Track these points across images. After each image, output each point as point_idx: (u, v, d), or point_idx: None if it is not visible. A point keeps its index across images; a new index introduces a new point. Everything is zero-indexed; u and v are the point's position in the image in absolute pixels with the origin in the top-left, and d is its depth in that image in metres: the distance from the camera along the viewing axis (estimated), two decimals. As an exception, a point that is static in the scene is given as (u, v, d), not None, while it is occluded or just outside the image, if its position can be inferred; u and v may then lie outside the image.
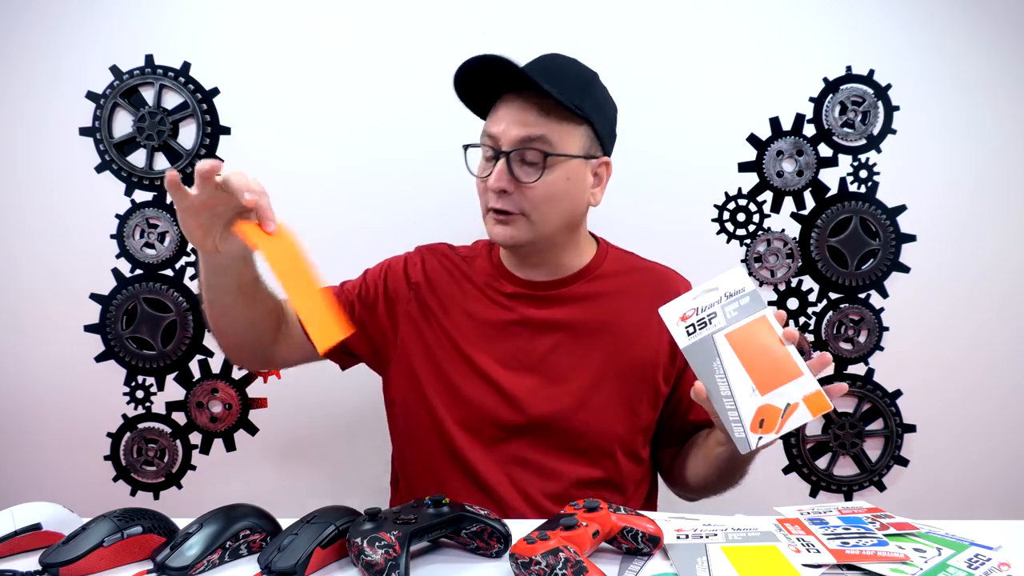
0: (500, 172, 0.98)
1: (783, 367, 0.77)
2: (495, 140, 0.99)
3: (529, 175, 0.98)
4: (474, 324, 1.08)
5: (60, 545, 0.68)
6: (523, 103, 0.98)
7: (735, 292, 0.81)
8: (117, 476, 1.49)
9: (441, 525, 0.71)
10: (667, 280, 1.13)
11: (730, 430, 0.77)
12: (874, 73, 1.49)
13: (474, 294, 1.10)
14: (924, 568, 0.67)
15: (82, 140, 1.46)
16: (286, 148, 1.47)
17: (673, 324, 0.83)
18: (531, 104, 0.98)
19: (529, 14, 1.47)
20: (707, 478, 1.04)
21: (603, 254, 1.13)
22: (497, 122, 0.99)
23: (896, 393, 1.53)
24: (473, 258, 1.14)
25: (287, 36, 1.46)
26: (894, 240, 1.51)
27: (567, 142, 1.00)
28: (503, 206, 0.99)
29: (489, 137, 1.00)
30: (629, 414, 1.07)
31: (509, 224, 1.00)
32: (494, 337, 1.07)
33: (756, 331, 0.79)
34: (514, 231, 1.01)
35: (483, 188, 1.02)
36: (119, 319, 1.47)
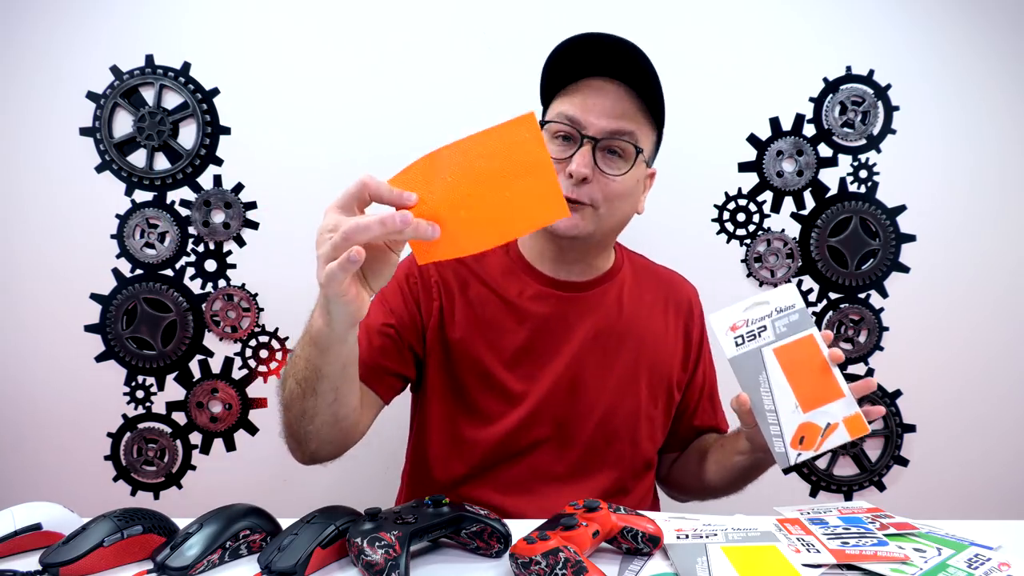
0: (586, 158, 0.92)
1: (827, 386, 0.79)
2: (577, 123, 0.93)
3: (616, 167, 0.94)
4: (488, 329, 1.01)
5: (60, 545, 0.68)
6: (620, 93, 0.94)
7: (786, 308, 0.83)
8: (117, 476, 1.49)
9: (441, 525, 0.71)
10: (675, 286, 1.14)
11: (770, 443, 0.79)
12: (874, 73, 1.49)
13: (487, 297, 1.02)
14: (924, 568, 0.67)
15: (82, 140, 1.46)
16: (286, 148, 1.47)
17: (722, 333, 0.83)
18: (628, 96, 0.94)
19: (529, 15, 1.47)
20: (717, 484, 1.04)
21: (622, 258, 1.12)
22: (586, 108, 0.93)
23: (896, 393, 1.53)
24: (484, 255, 1.05)
25: (287, 36, 1.46)
26: (894, 240, 1.51)
27: (647, 144, 0.98)
28: (577, 195, 0.93)
29: (569, 119, 0.94)
30: (649, 419, 1.06)
31: (577, 212, 0.94)
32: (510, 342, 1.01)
33: (803, 348, 0.81)
34: (580, 221, 0.95)
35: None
36: (119, 319, 1.47)
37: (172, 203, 1.47)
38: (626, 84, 0.94)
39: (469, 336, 1.01)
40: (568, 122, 0.94)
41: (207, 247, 1.48)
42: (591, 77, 0.95)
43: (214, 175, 1.48)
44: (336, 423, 0.87)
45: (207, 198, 1.47)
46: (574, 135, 0.94)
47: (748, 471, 0.99)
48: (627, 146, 0.95)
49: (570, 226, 0.95)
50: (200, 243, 1.48)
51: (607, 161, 0.94)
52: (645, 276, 1.12)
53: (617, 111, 0.93)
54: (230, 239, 1.48)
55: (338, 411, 0.85)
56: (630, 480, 1.05)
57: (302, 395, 0.82)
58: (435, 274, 1.03)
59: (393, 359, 1.00)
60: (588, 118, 0.93)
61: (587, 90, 0.94)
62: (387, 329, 1.00)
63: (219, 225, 1.48)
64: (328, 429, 0.87)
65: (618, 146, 0.94)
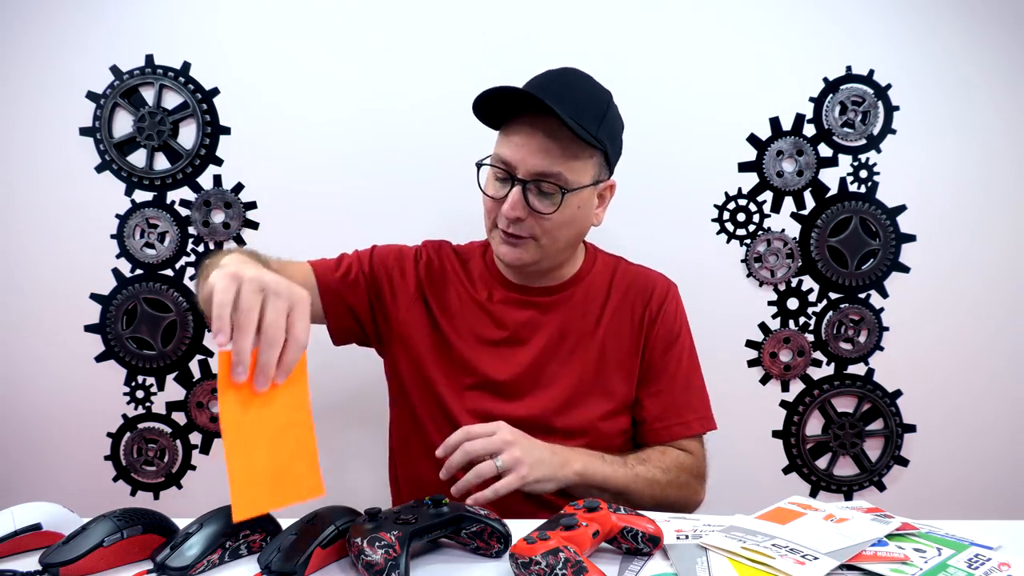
0: (516, 201, 0.98)
1: None
2: (510, 165, 0.98)
3: (544, 206, 0.99)
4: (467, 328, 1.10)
5: (60, 545, 0.68)
6: (543, 134, 0.96)
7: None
8: (117, 476, 1.49)
9: (441, 525, 0.71)
10: (641, 280, 1.15)
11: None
12: (874, 73, 1.49)
13: (467, 299, 1.12)
14: (924, 568, 0.67)
15: (82, 140, 1.46)
16: (286, 148, 1.47)
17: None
18: (550, 136, 0.96)
19: (529, 16, 1.47)
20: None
21: (591, 260, 1.15)
22: (514, 148, 0.98)
23: (896, 393, 1.53)
24: (467, 259, 1.16)
25: (287, 36, 1.46)
26: (894, 240, 1.51)
27: (582, 174, 1.00)
28: (515, 231, 1.00)
29: (503, 161, 0.99)
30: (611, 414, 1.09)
31: (519, 246, 1.02)
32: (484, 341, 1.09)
33: None
34: (523, 253, 1.02)
35: (493, 206, 1.02)
36: (119, 319, 1.47)
37: (172, 203, 1.47)
38: (554, 119, 0.95)
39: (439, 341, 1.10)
40: (503, 164, 0.99)
41: (207, 247, 1.48)
42: (524, 115, 0.98)
43: (214, 175, 1.48)
44: None
45: (207, 198, 1.47)
46: (506, 177, 1.00)
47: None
48: (552, 187, 0.98)
49: (514, 258, 1.03)
50: (200, 243, 1.48)
51: (538, 200, 0.99)
52: (617, 276, 1.15)
53: (541, 151, 0.97)
54: (230, 239, 1.48)
55: None
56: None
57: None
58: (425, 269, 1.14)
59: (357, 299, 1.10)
60: (517, 159, 0.98)
61: (517, 130, 0.99)
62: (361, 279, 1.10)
63: (219, 225, 1.48)
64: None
65: (545, 187, 0.99)
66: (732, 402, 1.41)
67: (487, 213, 1.04)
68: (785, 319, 1.52)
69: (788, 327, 1.52)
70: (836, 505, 0.83)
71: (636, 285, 1.14)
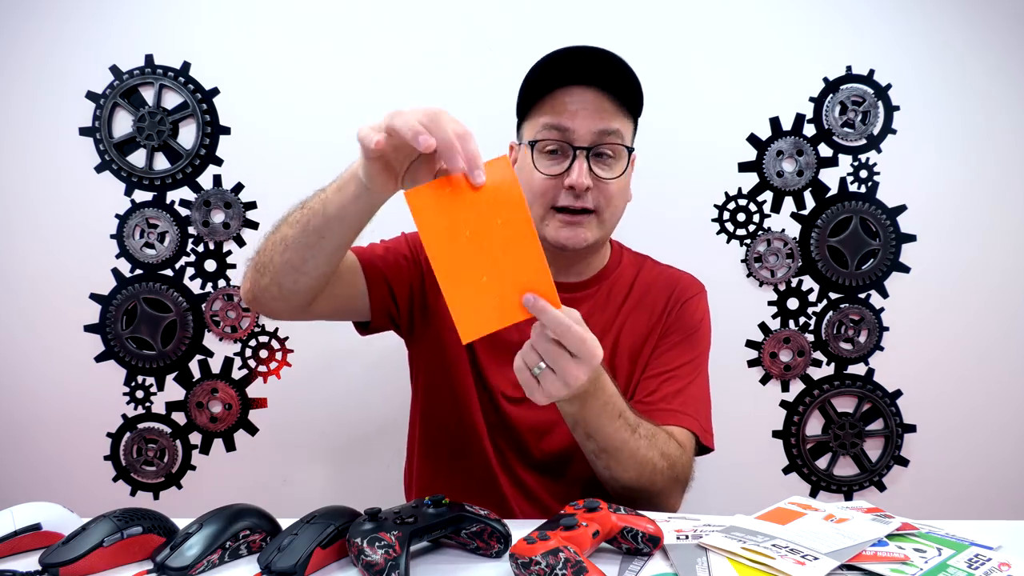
0: (583, 169, 0.93)
1: None
2: (567, 134, 0.94)
3: (607, 171, 0.96)
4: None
5: (60, 545, 0.68)
6: (595, 93, 0.94)
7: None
8: (117, 476, 1.49)
9: (441, 525, 0.71)
10: (664, 281, 1.12)
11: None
12: (874, 73, 1.49)
13: None
14: (924, 568, 0.67)
15: (82, 140, 1.46)
16: (286, 148, 1.47)
17: None
18: (604, 96, 0.95)
19: (529, 15, 1.47)
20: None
21: (618, 257, 1.12)
22: (569, 115, 0.94)
23: (896, 393, 1.53)
24: None
25: (287, 36, 1.46)
26: (894, 240, 1.51)
27: (629, 135, 0.99)
28: (583, 204, 0.95)
29: (557, 130, 0.94)
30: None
31: (581, 225, 0.97)
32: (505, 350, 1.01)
33: None
34: (586, 232, 0.97)
35: (549, 186, 0.96)
36: (119, 319, 1.47)
37: (172, 203, 1.47)
38: (600, 86, 0.95)
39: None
40: (557, 134, 0.95)
41: (207, 247, 1.48)
42: (566, 86, 0.96)
43: (214, 175, 1.48)
44: (295, 275, 0.88)
45: (207, 198, 1.47)
46: (564, 147, 0.95)
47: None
48: (617, 147, 0.96)
49: (578, 240, 0.98)
50: (200, 243, 1.48)
51: (601, 165, 0.96)
52: (641, 274, 1.12)
53: (599, 112, 0.95)
54: (230, 239, 1.48)
55: (306, 260, 0.87)
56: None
57: (296, 223, 0.86)
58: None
59: (396, 279, 1.03)
60: (574, 124, 0.94)
61: (566, 99, 0.95)
62: (401, 259, 1.05)
63: (219, 225, 1.48)
64: (287, 273, 0.89)
65: (608, 149, 0.96)
66: (732, 402, 1.41)
67: (540, 196, 0.97)
68: (785, 319, 1.52)
69: (788, 327, 1.52)
70: (836, 505, 0.83)
71: (660, 282, 1.10)
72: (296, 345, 1.50)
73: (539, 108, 0.97)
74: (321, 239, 0.85)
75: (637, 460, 0.87)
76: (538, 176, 0.97)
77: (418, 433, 1.14)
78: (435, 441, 1.10)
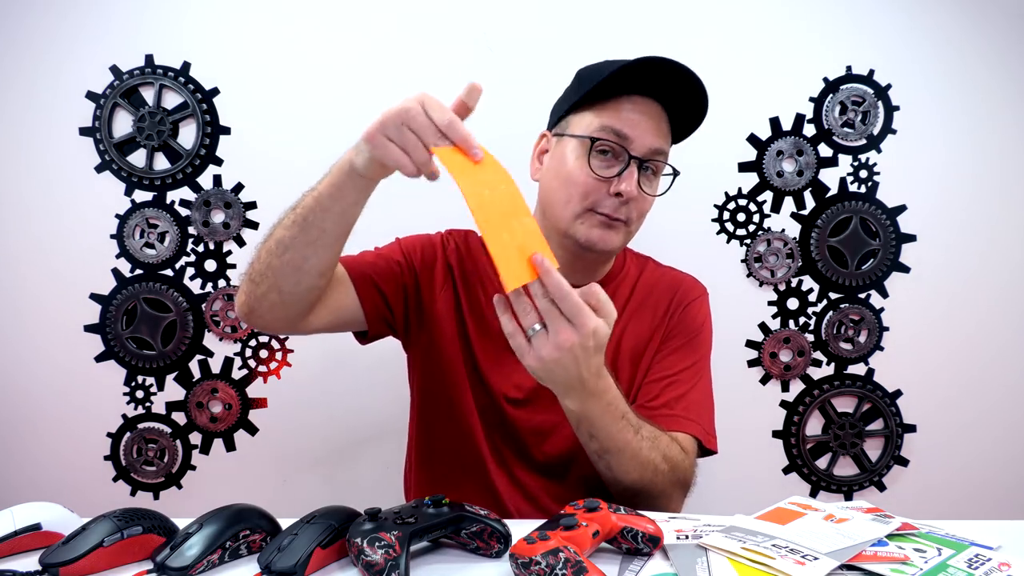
0: (635, 179, 0.95)
1: None
2: (626, 139, 0.95)
3: (652, 186, 0.99)
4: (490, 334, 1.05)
5: (60, 545, 0.68)
6: (660, 112, 0.97)
7: None
8: (117, 476, 1.49)
9: (441, 525, 0.71)
10: (667, 284, 1.12)
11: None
12: (874, 73, 1.49)
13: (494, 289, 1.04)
14: (924, 568, 0.67)
15: (82, 140, 1.46)
16: (286, 148, 1.47)
17: None
18: (663, 115, 0.97)
19: (529, 15, 1.47)
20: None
21: (622, 259, 1.13)
22: (632, 123, 0.95)
23: (896, 393, 1.53)
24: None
25: (287, 36, 1.46)
26: (894, 240, 1.51)
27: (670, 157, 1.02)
28: (622, 214, 0.97)
29: (617, 135, 0.95)
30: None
31: (613, 229, 0.98)
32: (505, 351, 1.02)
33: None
34: (615, 237, 0.99)
35: (595, 187, 0.96)
36: (119, 319, 1.47)
37: (172, 203, 1.47)
38: (662, 104, 0.97)
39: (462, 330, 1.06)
40: (616, 139, 0.96)
41: (207, 247, 1.48)
42: (636, 95, 0.97)
43: (214, 175, 1.48)
44: (298, 275, 0.90)
45: (207, 198, 1.47)
46: (619, 152, 0.96)
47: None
48: (663, 166, 0.99)
49: (609, 243, 0.99)
50: (200, 243, 1.48)
51: (646, 180, 0.98)
52: (644, 275, 1.12)
53: (658, 130, 0.97)
54: (230, 239, 1.48)
55: (309, 258, 0.89)
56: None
57: (290, 225, 0.89)
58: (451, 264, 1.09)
59: (389, 284, 1.04)
60: (635, 135, 0.95)
61: (633, 108, 0.96)
62: (395, 265, 1.06)
63: (219, 225, 1.48)
64: (288, 274, 0.90)
65: (656, 166, 0.98)
66: (732, 402, 1.41)
67: (582, 195, 0.96)
68: (785, 319, 1.52)
69: (788, 327, 1.52)
70: (836, 505, 0.83)
71: (663, 284, 1.11)
72: (296, 345, 1.50)
73: (599, 108, 0.97)
74: (323, 232, 0.87)
75: (639, 461, 0.88)
76: (587, 173, 0.96)
77: (417, 435, 1.14)
78: (434, 443, 1.10)
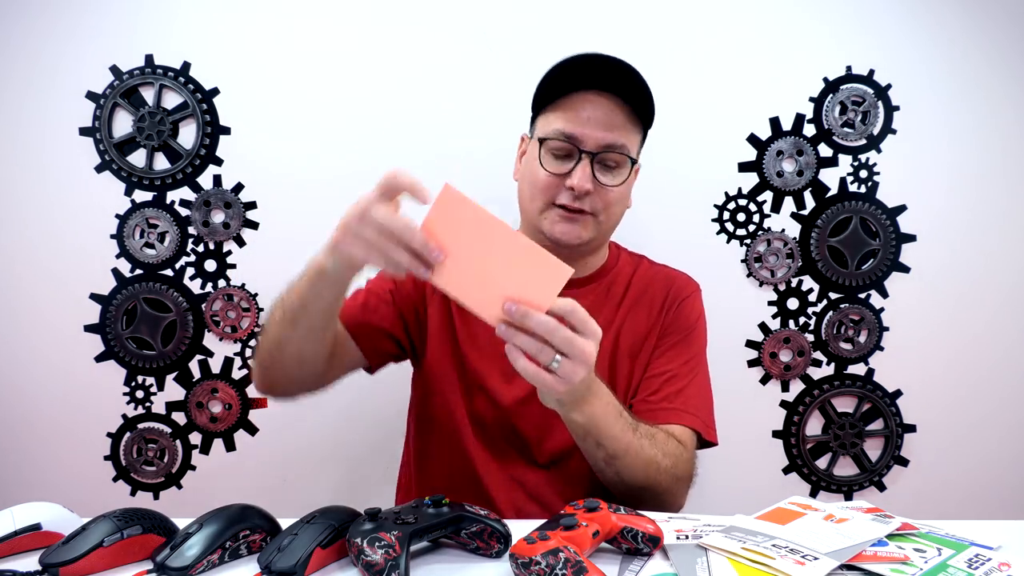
0: (586, 173, 0.97)
1: None
2: (575, 140, 0.98)
3: (612, 178, 1.00)
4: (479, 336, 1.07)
5: (60, 545, 0.68)
6: (610, 106, 0.98)
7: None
8: (117, 476, 1.49)
9: (441, 525, 0.71)
10: (661, 281, 1.13)
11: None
12: (874, 73, 1.49)
13: None
14: (924, 568, 0.67)
15: (82, 140, 1.46)
16: (286, 148, 1.47)
17: None
18: (617, 108, 0.98)
19: (529, 15, 1.47)
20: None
21: (615, 256, 1.15)
22: (580, 122, 0.97)
23: (896, 393, 1.53)
24: None
25: (287, 36, 1.46)
26: (894, 240, 1.51)
27: (635, 147, 1.03)
28: (580, 205, 0.99)
29: (566, 136, 0.98)
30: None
31: (577, 222, 1.00)
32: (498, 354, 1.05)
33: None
34: (581, 230, 1.01)
35: (551, 183, 0.99)
36: (119, 319, 1.47)
37: (172, 203, 1.47)
38: (616, 95, 0.98)
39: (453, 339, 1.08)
40: (565, 139, 0.98)
41: (207, 247, 1.48)
42: (583, 91, 0.98)
43: (214, 175, 1.48)
44: (302, 363, 0.96)
45: (207, 198, 1.47)
46: (571, 150, 0.98)
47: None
48: (621, 158, 1.00)
49: (573, 235, 1.01)
50: (200, 243, 1.48)
51: (604, 173, 1.00)
52: (638, 273, 1.14)
53: (610, 124, 0.98)
54: (230, 239, 1.48)
55: (306, 350, 0.94)
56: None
57: (281, 322, 0.92)
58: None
59: (384, 318, 1.07)
60: (584, 132, 0.97)
61: (580, 104, 0.98)
62: (385, 295, 1.08)
63: (219, 225, 1.48)
64: (293, 364, 0.96)
65: (613, 159, 0.99)
66: (732, 402, 1.41)
67: (541, 192, 1.01)
68: (785, 319, 1.52)
69: (788, 327, 1.52)
70: (836, 505, 0.83)
71: (657, 281, 1.13)
72: (296, 345, 1.50)
73: (554, 109, 1.00)
74: (312, 328, 0.92)
75: (643, 460, 0.89)
76: (543, 172, 1.00)
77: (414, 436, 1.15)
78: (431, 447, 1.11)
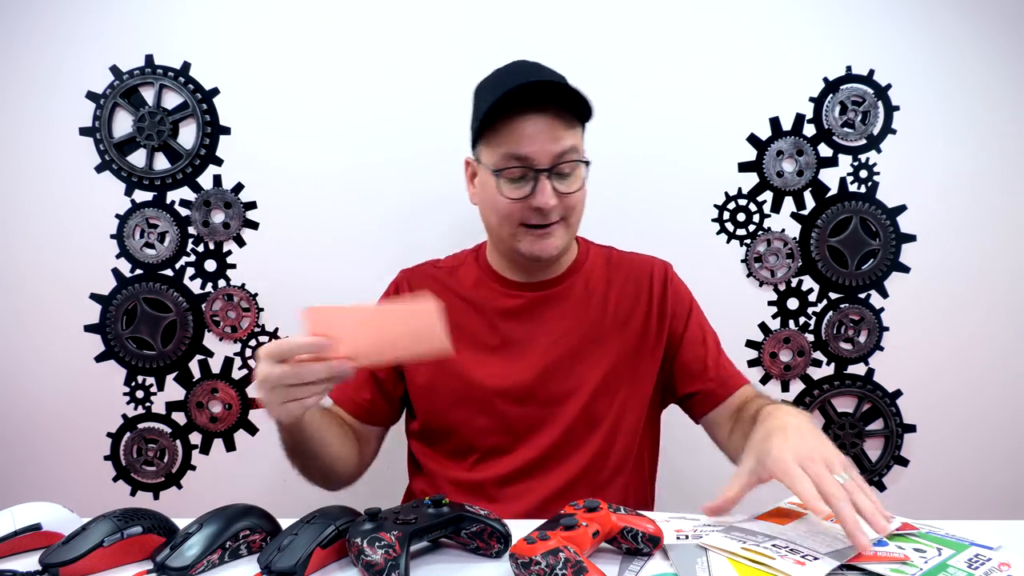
0: (548, 191, 0.98)
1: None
2: (528, 160, 0.98)
3: (570, 184, 1.01)
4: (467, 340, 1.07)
5: (60, 545, 0.68)
6: (550, 118, 0.98)
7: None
8: (117, 476, 1.49)
9: (441, 525, 0.71)
10: (636, 265, 1.15)
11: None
12: (874, 73, 1.49)
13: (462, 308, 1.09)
14: (924, 568, 0.67)
15: (82, 140, 1.46)
16: (286, 148, 1.47)
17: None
18: (556, 118, 0.98)
19: (527, 15, 1.47)
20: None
21: (585, 250, 1.16)
22: (527, 142, 0.97)
23: (896, 393, 1.53)
24: (457, 267, 1.15)
25: (287, 36, 1.46)
26: (894, 240, 1.51)
27: (581, 146, 1.03)
28: (553, 217, 1.00)
29: (518, 159, 0.98)
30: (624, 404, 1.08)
31: (550, 236, 1.01)
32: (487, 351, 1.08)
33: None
34: (556, 240, 1.02)
35: (515, 208, 1.00)
36: (119, 319, 1.47)
37: (172, 203, 1.47)
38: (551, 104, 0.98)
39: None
40: (518, 162, 0.98)
41: (207, 247, 1.48)
42: (519, 111, 0.98)
43: (214, 175, 1.48)
44: (328, 474, 1.03)
45: (207, 198, 1.47)
46: (525, 172, 0.99)
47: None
48: (573, 164, 1.00)
49: (550, 250, 1.03)
50: (200, 243, 1.48)
51: (561, 181, 1.00)
52: (612, 264, 1.15)
53: (554, 136, 0.98)
54: (230, 239, 1.48)
55: (323, 465, 1.00)
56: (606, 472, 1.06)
57: (291, 458, 0.99)
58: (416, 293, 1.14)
59: (382, 390, 1.11)
60: (533, 150, 0.98)
61: (521, 125, 0.98)
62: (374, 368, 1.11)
63: (219, 225, 1.48)
64: (323, 476, 1.04)
65: (566, 167, 1.00)
66: (732, 402, 1.41)
67: (507, 218, 1.01)
68: (785, 319, 1.52)
69: (788, 327, 1.52)
70: (836, 505, 0.83)
71: (634, 272, 1.14)
72: (296, 345, 1.50)
73: (496, 135, 1.00)
74: (314, 456, 0.98)
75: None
76: (504, 201, 1.00)
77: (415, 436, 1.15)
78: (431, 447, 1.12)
